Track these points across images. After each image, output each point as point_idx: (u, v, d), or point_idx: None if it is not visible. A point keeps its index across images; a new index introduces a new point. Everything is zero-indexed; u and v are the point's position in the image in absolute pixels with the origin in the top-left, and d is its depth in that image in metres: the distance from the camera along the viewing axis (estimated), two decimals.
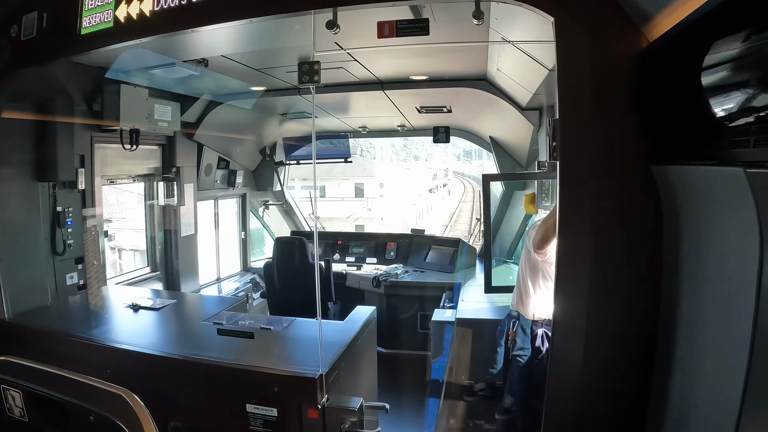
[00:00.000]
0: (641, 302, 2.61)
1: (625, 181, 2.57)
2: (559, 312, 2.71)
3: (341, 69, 5.30)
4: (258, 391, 3.35)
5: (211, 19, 3.27)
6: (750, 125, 1.80)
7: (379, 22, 3.23)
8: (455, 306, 5.84)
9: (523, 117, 5.75)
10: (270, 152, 8.85)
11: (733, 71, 1.84)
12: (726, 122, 1.91)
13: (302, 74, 3.41)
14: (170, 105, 6.01)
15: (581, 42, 2.59)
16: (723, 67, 1.89)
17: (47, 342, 4.01)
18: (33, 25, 3.90)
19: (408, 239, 8.62)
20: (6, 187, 4.41)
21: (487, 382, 5.06)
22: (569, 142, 2.62)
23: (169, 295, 5.81)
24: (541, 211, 5.01)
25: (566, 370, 2.70)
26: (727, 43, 1.86)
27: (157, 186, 6.70)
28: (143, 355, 3.75)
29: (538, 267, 4.42)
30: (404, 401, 5.59)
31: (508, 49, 4.20)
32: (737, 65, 1.82)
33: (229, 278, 8.34)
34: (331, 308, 6.89)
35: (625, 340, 2.65)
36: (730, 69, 1.86)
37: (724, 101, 1.90)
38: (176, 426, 3.46)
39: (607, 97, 2.57)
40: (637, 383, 2.65)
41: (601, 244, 2.59)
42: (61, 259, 5.06)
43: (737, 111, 1.84)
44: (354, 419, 3.35)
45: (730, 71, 1.85)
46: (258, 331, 4.18)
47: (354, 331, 4.12)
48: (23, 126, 4.68)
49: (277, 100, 6.92)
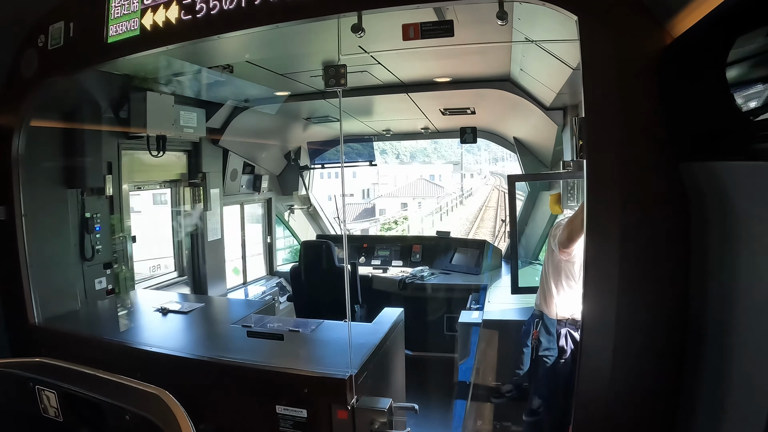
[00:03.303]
0: (670, 302, 2.59)
1: (652, 180, 2.57)
2: (588, 313, 2.70)
3: (365, 72, 5.31)
4: (288, 392, 3.37)
5: (236, 26, 3.31)
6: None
7: (404, 25, 3.24)
8: (482, 308, 5.82)
9: (547, 117, 5.71)
10: (295, 157, 8.91)
11: (758, 65, 1.82)
12: (752, 117, 1.89)
13: (328, 78, 3.42)
14: (196, 111, 6.08)
15: (605, 40, 2.58)
16: (747, 62, 1.87)
17: (77, 345, 4.08)
18: (60, 35, 3.97)
19: (433, 242, 8.61)
20: (36, 194, 4.47)
21: (515, 383, 5.03)
22: (596, 141, 2.61)
23: (196, 299, 5.89)
24: (567, 211, 4.98)
25: (596, 372, 2.68)
26: (751, 37, 1.84)
27: (184, 191, 6.76)
28: (173, 357, 3.81)
29: (561, 267, 4.40)
30: (431, 403, 5.58)
31: (532, 49, 4.18)
32: (762, 59, 1.80)
33: (255, 282, 8.40)
34: (358, 311, 6.89)
35: (654, 340, 2.63)
36: (754, 63, 1.84)
37: (749, 96, 1.88)
38: (206, 428, 3.49)
39: (633, 95, 2.56)
40: (667, 383, 2.64)
41: (629, 243, 2.58)
42: (89, 264, 5.15)
43: (763, 105, 1.82)
44: (383, 420, 3.35)
45: (755, 65, 1.84)
46: (287, 334, 4.21)
47: (382, 332, 4.13)
48: (52, 134, 4.77)
49: (301, 105, 6.94)
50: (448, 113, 7.17)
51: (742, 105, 1.91)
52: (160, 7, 3.50)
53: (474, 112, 7.02)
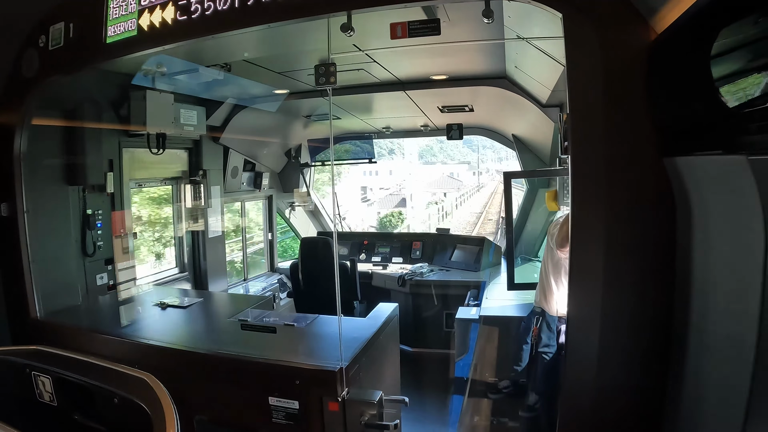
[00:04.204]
0: (655, 294, 2.63)
1: (637, 175, 2.59)
2: (573, 306, 2.74)
3: (361, 71, 5.35)
4: (280, 384, 3.41)
5: (229, 26, 3.37)
6: (754, 112, 1.82)
7: (392, 24, 3.28)
8: (479, 304, 5.85)
9: (544, 114, 5.72)
10: (295, 154, 8.93)
11: (741, 57, 1.86)
12: (733, 110, 1.92)
13: (319, 76, 3.46)
14: (195, 109, 6.13)
15: (590, 36, 2.61)
16: (731, 55, 1.90)
17: (77, 339, 4.12)
18: (60, 36, 4.04)
19: (433, 239, 8.64)
20: (38, 191, 4.53)
21: (512, 379, 5.05)
22: (580, 137, 2.65)
23: (196, 294, 5.94)
24: (564, 207, 5.00)
25: (582, 364, 2.72)
26: (734, 29, 1.87)
27: (185, 188, 6.81)
28: (169, 350, 3.87)
29: (561, 263, 4.42)
30: (429, 399, 5.62)
31: (525, 46, 4.21)
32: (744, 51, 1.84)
33: (255, 279, 8.45)
34: (357, 307, 6.93)
35: (640, 332, 2.67)
36: (737, 55, 1.87)
37: (732, 88, 1.91)
38: (201, 419, 3.55)
39: (618, 90, 2.59)
40: (653, 375, 2.66)
41: (614, 237, 2.61)
42: (91, 260, 5.22)
43: (744, 98, 1.85)
44: (374, 412, 3.39)
45: (738, 58, 1.87)
46: (281, 328, 4.26)
47: (375, 327, 4.15)
48: (53, 132, 4.84)
49: (301, 103, 7.00)
50: (446, 111, 7.19)
51: (725, 98, 1.93)
52: (156, 8, 3.56)
53: (472, 109, 7.04)
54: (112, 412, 2.46)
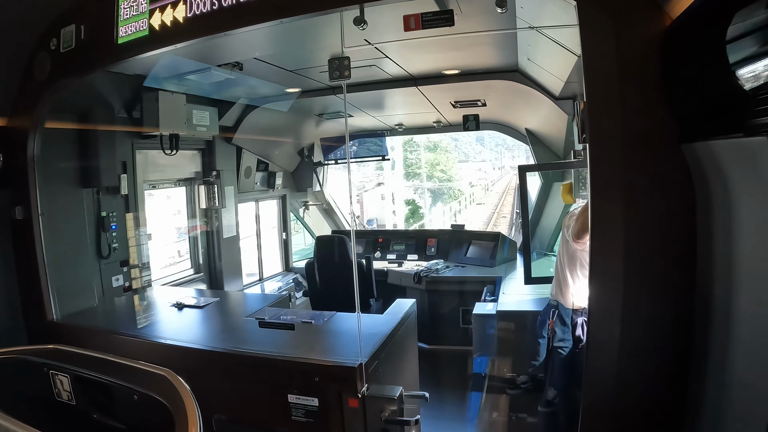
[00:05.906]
0: (677, 285, 2.58)
1: (656, 163, 2.55)
2: (594, 299, 2.70)
3: (373, 67, 5.33)
4: (299, 381, 3.41)
5: (241, 22, 3.34)
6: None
7: (405, 16, 3.26)
8: (496, 299, 5.82)
9: (558, 107, 5.68)
10: (308, 153, 8.93)
11: (756, 39, 1.82)
12: (751, 93, 1.88)
13: (333, 70, 3.44)
14: (208, 110, 6.14)
15: (605, 24, 2.58)
16: (746, 38, 1.87)
17: (94, 340, 4.13)
18: (71, 38, 4.03)
19: (448, 235, 8.63)
20: (52, 194, 4.54)
21: (530, 374, 5.03)
22: (598, 126, 2.61)
23: (212, 293, 5.94)
24: (579, 200, 4.97)
25: (603, 357, 2.69)
26: (749, 11, 1.84)
27: (198, 189, 6.82)
28: (187, 349, 3.87)
29: (576, 256, 4.39)
30: (447, 395, 5.60)
31: (537, 37, 4.17)
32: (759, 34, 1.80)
33: (271, 278, 8.46)
34: (373, 305, 6.92)
35: (661, 324, 2.63)
36: (753, 38, 1.83)
37: (748, 71, 1.87)
38: (220, 418, 3.54)
39: (634, 78, 2.55)
40: (675, 367, 2.63)
41: (634, 228, 2.57)
42: (106, 262, 5.24)
43: (762, 80, 1.82)
44: (394, 408, 3.37)
45: (753, 40, 1.83)
46: (299, 325, 4.23)
47: (393, 323, 4.13)
48: (66, 135, 4.86)
49: (312, 101, 6.98)
50: (459, 106, 7.15)
51: (742, 81, 1.90)
52: (167, 7, 3.55)
53: (485, 104, 6.99)
54: (131, 410, 2.45)
